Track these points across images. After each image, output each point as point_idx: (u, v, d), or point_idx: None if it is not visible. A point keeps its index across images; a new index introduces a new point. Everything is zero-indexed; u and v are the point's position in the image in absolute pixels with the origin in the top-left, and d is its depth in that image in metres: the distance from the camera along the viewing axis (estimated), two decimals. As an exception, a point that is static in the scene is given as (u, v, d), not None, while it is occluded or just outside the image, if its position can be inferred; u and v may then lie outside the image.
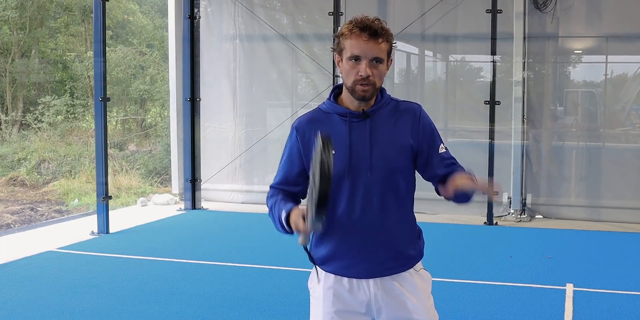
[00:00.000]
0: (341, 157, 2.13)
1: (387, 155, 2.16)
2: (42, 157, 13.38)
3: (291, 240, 2.74)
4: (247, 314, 4.44)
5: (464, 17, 8.26)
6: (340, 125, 2.17)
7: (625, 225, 7.69)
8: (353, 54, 2.08)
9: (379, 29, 2.08)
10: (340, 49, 2.14)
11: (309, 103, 8.97)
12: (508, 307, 4.60)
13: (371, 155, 2.14)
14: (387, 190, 2.16)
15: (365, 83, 2.09)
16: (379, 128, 2.18)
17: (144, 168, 13.16)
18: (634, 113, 8.22)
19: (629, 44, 8.04)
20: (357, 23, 2.08)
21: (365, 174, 2.14)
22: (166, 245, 6.59)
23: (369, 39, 2.07)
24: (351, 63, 2.10)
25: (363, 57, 2.08)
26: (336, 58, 2.19)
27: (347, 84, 2.14)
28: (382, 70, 2.13)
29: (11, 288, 5.02)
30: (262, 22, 8.90)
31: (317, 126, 2.17)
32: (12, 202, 11.09)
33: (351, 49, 2.08)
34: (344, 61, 2.13)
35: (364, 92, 2.11)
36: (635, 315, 4.46)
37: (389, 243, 2.19)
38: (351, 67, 2.10)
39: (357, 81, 2.10)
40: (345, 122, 2.17)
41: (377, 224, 2.17)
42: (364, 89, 2.10)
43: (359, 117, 2.17)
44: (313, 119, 2.24)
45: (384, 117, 2.20)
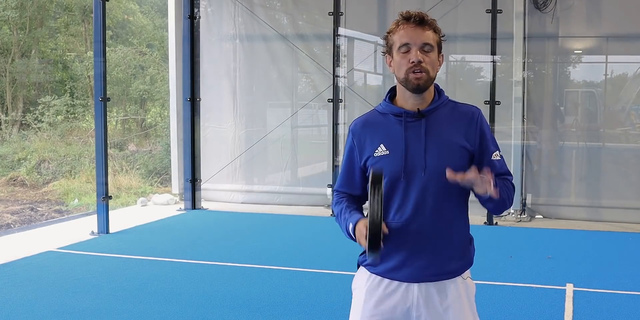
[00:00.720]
0: (396, 158, 2.11)
1: (441, 155, 2.10)
2: (42, 157, 13.38)
3: (290, 240, 2.74)
4: (247, 314, 4.44)
5: (464, 17, 8.26)
6: (395, 126, 2.15)
7: (625, 225, 7.69)
8: (402, 43, 2.07)
9: (425, 17, 2.08)
10: (390, 46, 2.12)
11: (309, 103, 8.98)
12: (508, 307, 4.60)
13: (425, 156, 2.10)
14: (440, 191, 2.11)
15: (417, 69, 2.05)
16: (434, 128, 2.13)
17: (144, 168, 13.16)
18: (634, 113, 8.22)
19: (629, 44, 8.04)
20: (403, 15, 2.09)
21: (419, 175, 2.10)
22: (166, 245, 6.59)
23: (415, 26, 2.06)
24: (402, 54, 2.07)
25: (412, 44, 2.06)
26: (387, 60, 2.16)
27: (399, 77, 2.10)
28: (434, 58, 2.10)
29: (11, 288, 5.02)
30: (262, 22, 8.90)
31: (373, 127, 2.18)
32: (12, 202, 11.09)
33: (400, 39, 2.07)
34: (394, 55, 2.10)
35: (417, 79, 2.06)
36: (635, 315, 4.46)
37: (439, 247, 2.14)
38: (402, 57, 2.07)
39: (410, 69, 2.06)
40: (400, 122, 2.14)
41: (429, 226, 2.13)
42: (417, 77, 2.06)
43: (415, 116, 2.13)
44: (369, 120, 2.22)
45: (440, 117, 2.15)
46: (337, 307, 4.53)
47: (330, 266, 5.62)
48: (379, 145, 2.14)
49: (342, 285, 4.99)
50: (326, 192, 8.66)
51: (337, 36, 8.44)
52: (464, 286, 2.20)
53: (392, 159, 2.11)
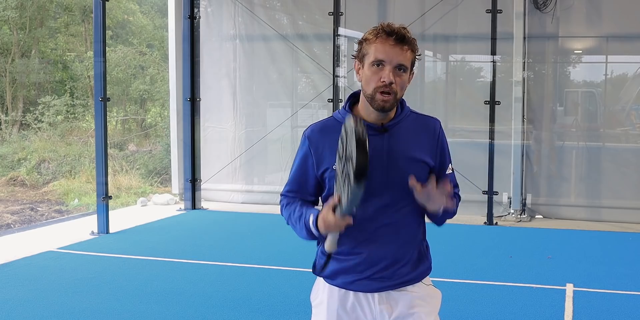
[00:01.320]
0: None
1: (403, 171, 2.05)
2: (42, 157, 13.38)
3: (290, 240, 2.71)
4: (247, 314, 4.44)
5: (464, 17, 8.26)
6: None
7: (625, 225, 7.69)
8: (377, 59, 1.98)
9: (406, 36, 1.99)
10: (363, 55, 2.03)
11: (309, 103, 8.98)
12: (508, 307, 4.60)
13: (387, 171, 2.05)
14: (401, 206, 2.09)
15: (387, 91, 1.98)
16: (397, 143, 2.07)
17: (144, 168, 13.16)
18: (634, 113, 8.22)
19: (629, 44, 8.04)
20: (384, 28, 1.99)
21: (379, 190, 2.05)
22: (166, 245, 6.59)
23: (395, 44, 1.97)
24: (374, 69, 1.99)
25: (387, 62, 1.97)
26: (356, 65, 2.08)
27: (366, 92, 2.03)
28: (405, 80, 2.02)
29: (11, 288, 5.02)
30: (262, 22, 8.90)
31: (332, 137, 2.06)
32: (12, 202, 11.09)
33: (375, 53, 1.98)
34: (365, 67, 2.02)
35: (384, 102, 2.00)
36: (635, 315, 4.46)
37: (399, 258, 2.13)
38: (373, 73, 1.99)
39: (379, 88, 1.98)
40: None
41: (389, 239, 2.10)
42: (384, 99, 1.99)
43: (377, 130, 2.06)
44: (326, 128, 2.13)
45: (402, 130, 2.10)
46: (337, 307, 4.53)
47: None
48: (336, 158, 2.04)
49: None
50: (326, 192, 8.65)
51: (337, 36, 8.43)
52: (427, 291, 2.19)
53: None
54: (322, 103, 8.82)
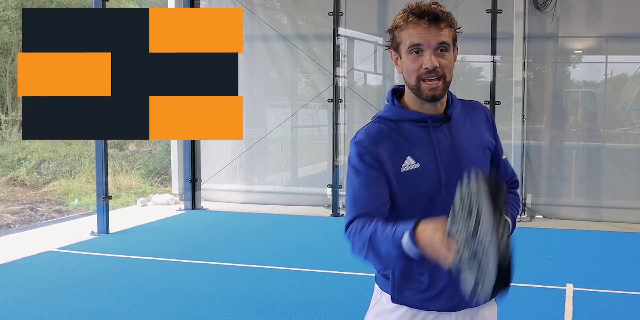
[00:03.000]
0: (431, 170, 1.80)
1: (474, 159, 1.85)
2: (42, 157, 13.37)
3: (291, 240, 2.69)
4: (247, 314, 4.44)
5: (464, 17, 8.23)
6: (417, 133, 1.83)
7: (625, 225, 7.69)
8: (413, 44, 1.74)
9: (440, 13, 1.75)
10: (397, 44, 1.79)
11: (309, 103, 8.97)
12: (508, 307, 4.60)
13: (461, 163, 1.82)
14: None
15: (432, 77, 1.75)
16: (460, 131, 1.87)
17: (144, 168, 13.15)
18: (634, 113, 8.22)
19: (629, 44, 8.04)
20: (412, 10, 1.75)
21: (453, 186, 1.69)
22: (166, 245, 6.59)
23: (429, 25, 1.73)
24: (412, 56, 1.76)
25: (426, 46, 1.74)
26: (392, 56, 1.84)
27: (410, 83, 1.79)
28: (450, 59, 1.79)
29: (11, 288, 5.02)
30: (262, 22, 8.90)
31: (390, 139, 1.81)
32: (12, 202, 11.09)
33: (410, 38, 1.74)
34: (403, 56, 1.78)
35: (432, 90, 1.76)
36: (635, 315, 4.46)
37: None
38: (412, 61, 1.76)
39: (422, 75, 1.75)
40: (424, 129, 1.83)
41: None
42: (431, 87, 1.75)
43: (440, 120, 1.84)
44: (381, 129, 1.83)
45: (459, 117, 1.89)
46: (337, 307, 4.54)
47: (330, 266, 5.61)
48: (405, 158, 1.80)
49: (342, 285, 4.99)
50: (326, 192, 8.66)
51: (337, 36, 8.43)
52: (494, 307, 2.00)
53: (426, 172, 1.80)
54: (322, 103, 8.82)
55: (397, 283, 1.87)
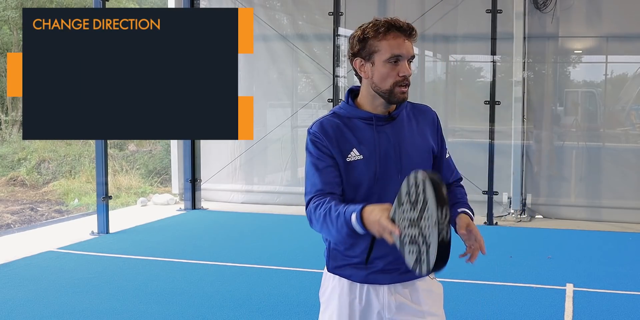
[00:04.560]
0: (371, 162, 2.07)
1: (414, 158, 2.12)
2: (42, 157, 13.37)
3: (290, 240, 2.70)
4: (247, 314, 4.45)
5: (464, 17, 8.26)
6: (364, 130, 2.10)
7: (625, 225, 7.69)
8: (394, 55, 2.01)
9: (414, 29, 2.05)
10: (371, 53, 2.05)
11: (309, 103, 8.98)
12: (508, 307, 4.60)
13: (400, 159, 2.09)
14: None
15: (405, 84, 2.04)
16: (404, 131, 2.13)
17: (144, 168, 13.15)
18: (634, 113, 8.22)
19: (629, 44, 8.04)
20: (392, 23, 2.02)
21: (394, 179, 2.07)
22: (166, 245, 6.59)
23: (407, 38, 2.03)
24: (390, 65, 2.02)
25: (404, 57, 2.02)
26: (357, 63, 2.10)
27: (382, 88, 2.05)
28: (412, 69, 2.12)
29: (11, 288, 5.02)
30: (262, 22, 8.90)
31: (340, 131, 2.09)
32: (12, 202, 11.09)
33: (391, 50, 2.01)
34: (377, 64, 2.04)
35: (402, 93, 2.05)
36: (635, 315, 4.46)
37: None
38: (390, 69, 2.03)
39: (398, 82, 2.03)
40: (370, 127, 2.10)
41: None
42: (402, 91, 2.05)
43: (385, 120, 2.11)
44: (332, 122, 2.12)
45: (405, 119, 2.15)
46: (337, 307, 4.53)
47: (330, 266, 5.61)
48: (351, 150, 2.07)
49: (342, 285, 4.99)
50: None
51: (337, 36, 8.43)
52: (432, 284, 2.24)
53: (367, 164, 2.06)
54: (322, 103, 8.82)
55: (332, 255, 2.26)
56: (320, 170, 2.08)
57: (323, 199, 2.03)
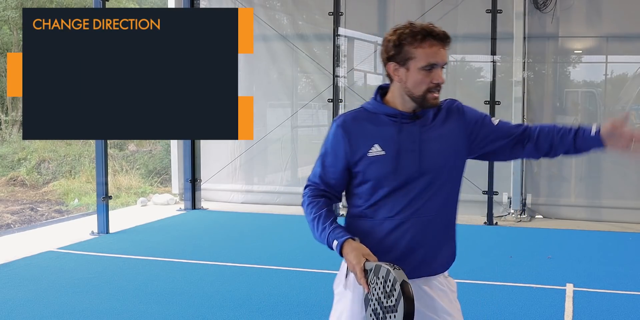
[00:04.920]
0: (392, 159, 2.10)
1: (436, 156, 2.13)
2: (42, 157, 13.37)
3: (290, 240, 2.71)
4: (247, 314, 4.45)
5: (464, 17, 8.26)
6: (389, 126, 2.13)
7: (625, 225, 7.70)
8: (430, 63, 2.05)
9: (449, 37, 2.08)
10: (406, 58, 2.07)
11: (309, 103, 8.98)
12: (508, 307, 4.60)
13: (420, 157, 2.11)
14: (435, 191, 2.14)
15: (438, 90, 2.09)
16: (429, 131, 2.15)
17: (144, 168, 13.15)
18: (634, 113, 8.22)
19: (629, 44, 8.04)
20: (429, 31, 2.05)
21: (416, 176, 2.11)
22: (166, 245, 6.59)
23: (442, 47, 2.07)
24: (424, 72, 2.06)
25: (439, 65, 2.07)
26: (391, 67, 2.11)
27: (414, 93, 2.09)
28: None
29: (11, 288, 5.02)
30: (262, 22, 8.90)
31: (365, 126, 2.14)
32: (12, 202, 11.09)
33: (427, 58, 2.05)
34: (412, 70, 2.07)
35: (435, 99, 2.10)
36: (635, 315, 4.46)
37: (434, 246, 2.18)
38: (424, 76, 2.07)
39: (431, 89, 2.08)
40: (393, 123, 2.13)
41: (426, 226, 2.14)
42: (435, 97, 2.09)
43: (410, 118, 2.14)
44: (359, 118, 2.17)
45: (433, 119, 2.17)
46: (337, 307, 4.53)
47: (330, 266, 5.61)
48: (373, 145, 2.12)
49: (342, 285, 4.99)
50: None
51: (337, 36, 8.44)
52: (447, 283, 2.26)
53: (389, 160, 2.10)
54: (322, 103, 8.82)
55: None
56: (324, 167, 2.20)
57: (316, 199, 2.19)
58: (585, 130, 2.13)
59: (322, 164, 2.21)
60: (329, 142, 2.19)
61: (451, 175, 2.17)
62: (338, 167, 2.18)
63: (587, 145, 2.13)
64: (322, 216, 2.13)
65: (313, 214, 2.16)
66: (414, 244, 2.14)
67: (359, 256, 1.98)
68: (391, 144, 2.11)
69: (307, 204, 2.20)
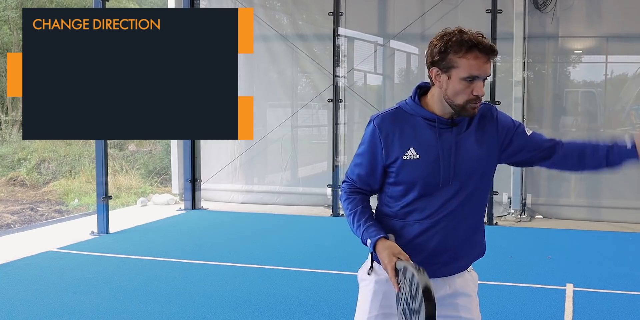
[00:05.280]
0: (427, 164, 2.12)
1: (470, 163, 2.15)
2: (42, 157, 13.37)
3: (291, 240, 2.69)
4: (247, 314, 4.45)
5: (464, 17, 8.26)
6: (425, 130, 2.14)
7: (625, 225, 7.69)
8: (472, 75, 2.05)
9: (495, 50, 2.08)
10: (449, 66, 2.06)
11: (309, 103, 8.98)
12: (508, 307, 4.60)
13: (455, 163, 2.13)
14: (466, 196, 2.16)
15: (478, 102, 2.09)
16: (464, 138, 2.16)
17: (144, 168, 13.15)
18: (634, 113, 8.21)
19: (629, 44, 8.03)
20: (476, 43, 2.04)
21: (448, 181, 2.13)
22: (166, 245, 6.59)
23: (487, 60, 2.06)
24: (465, 83, 2.06)
25: (481, 77, 2.07)
26: (434, 72, 2.10)
27: (454, 102, 2.09)
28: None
29: (11, 288, 5.02)
30: (262, 22, 8.90)
31: (402, 127, 2.14)
32: (12, 202, 11.09)
33: (470, 69, 2.04)
34: (453, 79, 2.07)
35: (474, 109, 2.10)
36: (635, 315, 4.46)
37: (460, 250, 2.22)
38: (465, 87, 2.06)
39: (471, 100, 2.08)
40: (431, 127, 2.14)
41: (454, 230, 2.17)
42: (474, 107, 2.09)
43: (448, 124, 2.14)
44: (396, 117, 2.17)
45: (468, 126, 2.18)
46: (337, 307, 4.53)
47: (330, 266, 5.62)
48: (409, 148, 2.13)
49: (342, 285, 4.99)
50: (326, 192, 8.66)
51: (337, 36, 8.43)
52: (470, 276, 2.30)
53: (423, 165, 2.12)
54: (322, 103, 8.82)
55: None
56: (359, 165, 2.23)
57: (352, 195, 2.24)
58: (618, 144, 2.18)
59: (359, 162, 2.23)
60: (366, 141, 2.20)
61: (482, 181, 2.20)
62: (374, 166, 2.19)
63: (620, 158, 2.20)
64: (357, 213, 2.18)
65: (349, 210, 2.21)
66: (441, 247, 2.17)
67: (390, 255, 2.02)
68: (426, 148, 2.12)
69: (344, 200, 2.26)
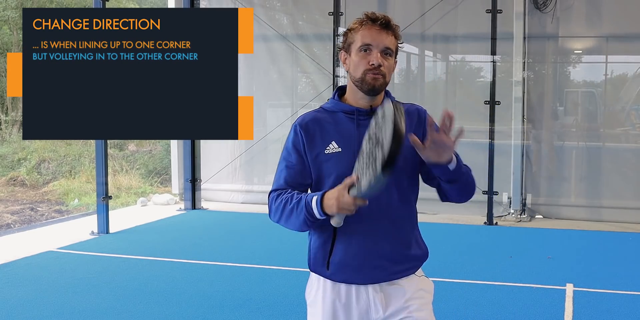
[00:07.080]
0: (348, 156, 2.07)
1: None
2: (42, 157, 13.37)
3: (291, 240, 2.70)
4: (247, 314, 4.45)
5: (464, 17, 8.26)
6: (346, 123, 2.13)
7: (625, 225, 7.69)
8: (364, 43, 2.06)
9: (391, 22, 2.10)
10: (349, 44, 2.10)
11: (309, 103, 8.97)
12: (508, 307, 4.60)
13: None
14: (394, 188, 2.09)
15: (376, 72, 2.04)
16: None
17: (144, 168, 13.15)
18: (634, 113, 8.22)
19: (629, 44, 8.04)
20: (369, 16, 2.09)
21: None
22: (166, 245, 6.59)
23: (380, 29, 2.07)
24: (361, 54, 2.06)
25: (375, 46, 2.05)
26: (342, 56, 2.14)
27: (355, 77, 2.08)
28: (391, 64, 2.10)
29: (11, 288, 5.02)
30: (262, 22, 8.90)
31: (322, 124, 2.14)
32: (12, 202, 11.09)
33: (362, 39, 2.06)
34: (353, 54, 2.09)
35: (374, 80, 2.05)
36: (635, 315, 4.46)
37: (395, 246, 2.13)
38: (361, 58, 2.06)
39: (368, 70, 2.05)
40: (351, 120, 2.13)
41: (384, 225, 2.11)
42: (374, 77, 2.05)
43: (366, 114, 2.12)
44: (317, 117, 2.17)
45: None
46: (337, 307, 4.53)
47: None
48: (330, 142, 2.11)
49: (342, 285, 4.99)
50: (326, 192, 8.65)
51: (337, 36, 8.43)
52: (420, 282, 2.20)
53: (344, 157, 2.08)
54: (322, 103, 8.80)
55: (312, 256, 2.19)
56: (287, 168, 2.16)
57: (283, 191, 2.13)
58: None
59: (285, 166, 2.17)
60: (289, 143, 2.17)
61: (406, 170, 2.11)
62: (301, 165, 2.14)
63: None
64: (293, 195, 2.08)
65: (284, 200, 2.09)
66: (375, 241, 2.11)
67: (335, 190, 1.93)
68: (347, 140, 2.10)
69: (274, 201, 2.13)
